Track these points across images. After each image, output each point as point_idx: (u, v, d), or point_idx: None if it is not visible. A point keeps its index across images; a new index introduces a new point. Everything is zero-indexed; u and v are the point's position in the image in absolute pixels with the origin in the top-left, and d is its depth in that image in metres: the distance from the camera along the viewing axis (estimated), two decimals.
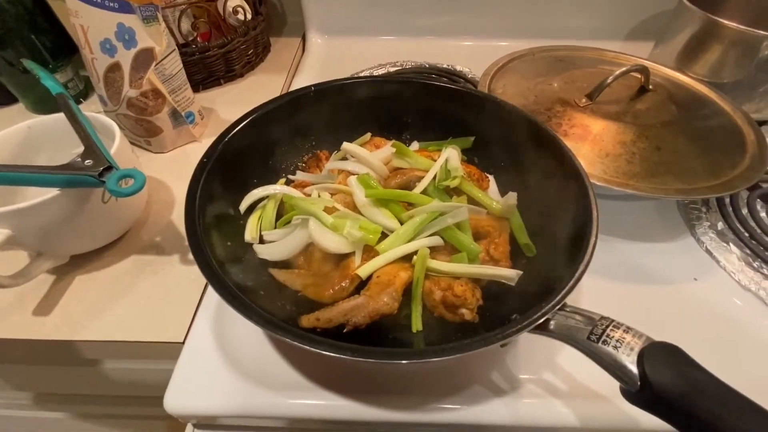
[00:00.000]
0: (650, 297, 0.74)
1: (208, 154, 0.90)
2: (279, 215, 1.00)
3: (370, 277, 0.83)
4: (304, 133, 1.12)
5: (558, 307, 0.64)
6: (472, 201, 0.98)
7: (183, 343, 0.83)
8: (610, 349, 0.49)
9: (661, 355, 0.44)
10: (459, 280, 0.83)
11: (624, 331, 0.50)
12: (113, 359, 0.77)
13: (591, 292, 0.77)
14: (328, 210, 0.90)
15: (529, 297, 0.77)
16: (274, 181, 1.09)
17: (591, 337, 0.57)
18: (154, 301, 0.85)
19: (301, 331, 0.62)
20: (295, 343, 0.60)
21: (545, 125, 0.98)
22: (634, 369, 0.45)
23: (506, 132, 1.04)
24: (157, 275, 0.89)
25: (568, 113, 1.10)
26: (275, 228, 0.98)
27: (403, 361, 0.63)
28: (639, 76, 1.11)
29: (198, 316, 0.88)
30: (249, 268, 0.86)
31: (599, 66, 1.19)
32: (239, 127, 0.97)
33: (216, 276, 0.68)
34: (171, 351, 0.81)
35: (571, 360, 0.68)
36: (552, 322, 0.64)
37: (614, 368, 0.47)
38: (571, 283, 0.68)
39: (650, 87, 1.09)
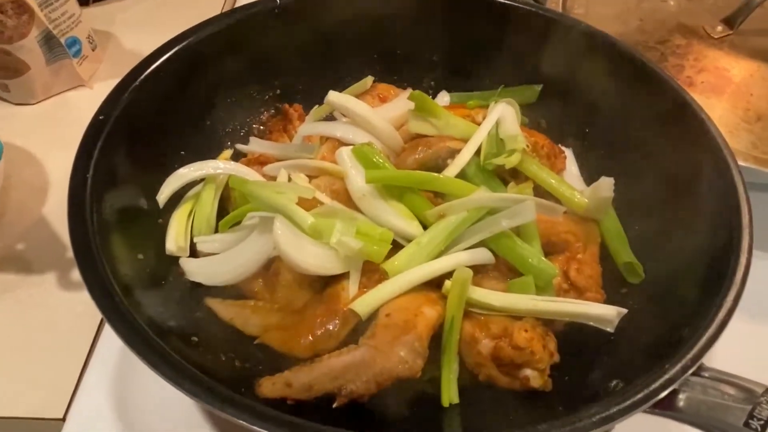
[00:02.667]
0: None
1: (106, 110, 0.84)
2: (222, 211, 0.97)
3: (374, 316, 0.80)
4: (264, 76, 1.08)
5: (691, 370, 0.59)
6: (540, 191, 0.96)
7: (63, 419, 0.78)
8: None
9: None
10: (521, 322, 0.80)
11: None
12: None
13: (736, 342, 0.73)
14: (305, 203, 0.85)
15: (635, 351, 0.75)
16: (214, 155, 1.05)
17: (751, 423, 0.54)
18: (15, 350, 0.78)
19: (259, 405, 0.59)
20: (251, 425, 0.57)
21: (657, 67, 0.94)
22: None
23: (592, 78, 1.01)
24: (20, 307, 0.82)
25: (693, 49, 1.05)
26: (216, 232, 0.95)
27: None
28: None
29: (87, 376, 0.82)
30: (173, 297, 0.82)
31: None
32: (157, 64, 0.91)
33: (118, 309, 0.63)
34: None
35: None
36: (681, 397, 0.59)
37: None
38: (712, 329, 0.63)
39: None
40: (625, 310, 0.79)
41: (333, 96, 1.00)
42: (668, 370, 0.60)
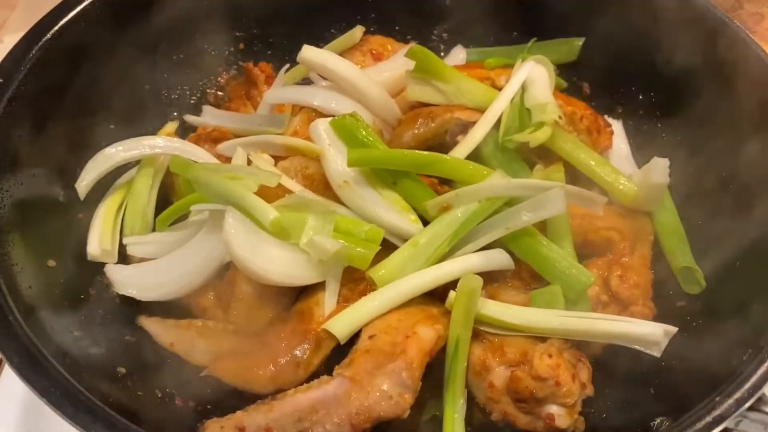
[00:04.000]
0: None
1: (6, 70, 0.83)
2: (163, 203, 0.98)
3: (356, 338, 0.81)
4: (223, 24, 1.07)
5: (748, 403, 0.62)
6: (575, 176, 0.97)
7: None
8: None
9: None
10: (544, 345, 0.81)
11: None
12: None
13: None
14: (268, 193, 0.86)
15: (685, 379, 0.77)
16: (154, 129, 1.06)
17: None
18: None
19: None
20: None
21: (731, 20, 0.94)
22: None
23: (649, 31, 1.01)
24: None
25: None
26: (153, 231, 0.96)
27: None
28: None
29: None
30: (95, 317, 0.83)
31: None
32: (78, 9, 0.88)
33: (13, 334, 0.61)
34: None
35: None
36: None
37: None
38: None
39: None
40: (674, 329, 0.78)
41: (309, 52, 0.99)
42: (720, 403, 0.61)
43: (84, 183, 0.89)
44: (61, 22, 0.89)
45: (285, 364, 0.79)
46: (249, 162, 0.93)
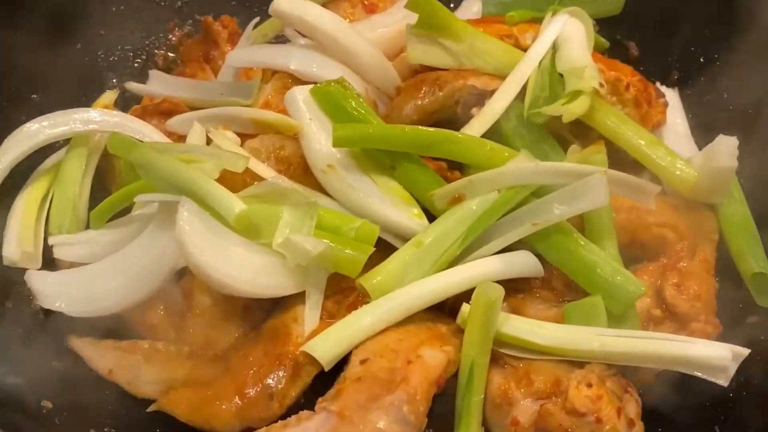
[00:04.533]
0: None
1: None
2: (99, 194, 1.00)
3: (344, 364, 0.82)
4: None
5: None
6: (620, 158, 0.97)
7: None
8: None
9: None
10: (582, 371, 0.82)
11: None
12: None
13: None
14: (231, 180, 0.87)
15: (760, 415, 0.79)
16: (87, 99, 1.08)
17: None
18: None
19: None
20: None
21: None
22: None
23: None
24: None
25: None
26: (87, 227, 0.97)
27: None
28: None
29: None
30: (12, 336, 0.85)
31: None
32: None
33: None
34: None
35: None
36: None
37: None
38: None
39: None
40: (745, 351, 0.78)
41: (284, 2, 0.99)
42: None
43: None
44: None
45: (255, 397, 0.79)
46: (208, 141, 0.93)
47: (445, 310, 0.87)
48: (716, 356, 0.79)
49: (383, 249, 0.86)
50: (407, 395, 0.75)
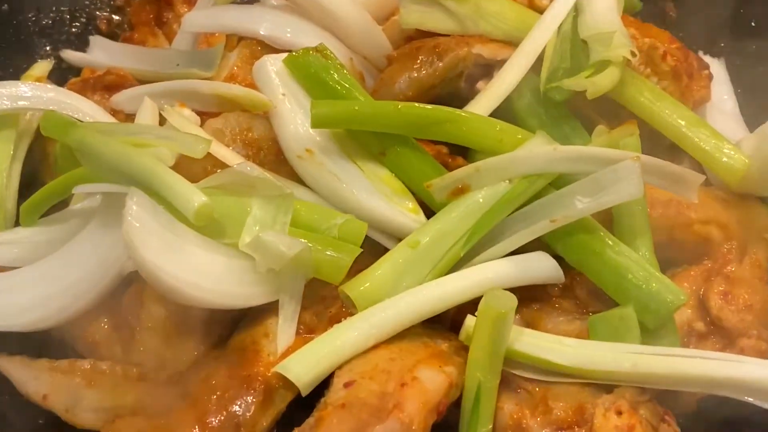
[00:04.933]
0: None
1: None
2: (30, 184, 1.00)
3: (322, 388, 0.82)
4: None
5: None
6: (654, 142, 0.99)
7: None
8: None
9: None
10: (610, 397, 0.82)
11: None
12: None
13: None
14: (189, 167, 0.88)
15: None
16: (13, 70, 1.09)
17: None
18: None
19: None
20: None
21: None
22: None
23: None
24: None
25: None
26: (16, 224, 0.98)
27: None
28: None
29: None
30: None
31: None
32: None
33: None
34: None
35: None
36: None
37: None
38: None
39: None
40: None
41: None
42: None
43: None
44: None
45: (218, 427, 0.79)
46: (162, 121, 0.93)
47: (446, 323, 0.87)
48: None
49: (372, 250, 0.86)
50: (401, 425, 0.74)
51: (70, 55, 1.08)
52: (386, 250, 0.87)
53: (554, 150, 0.86)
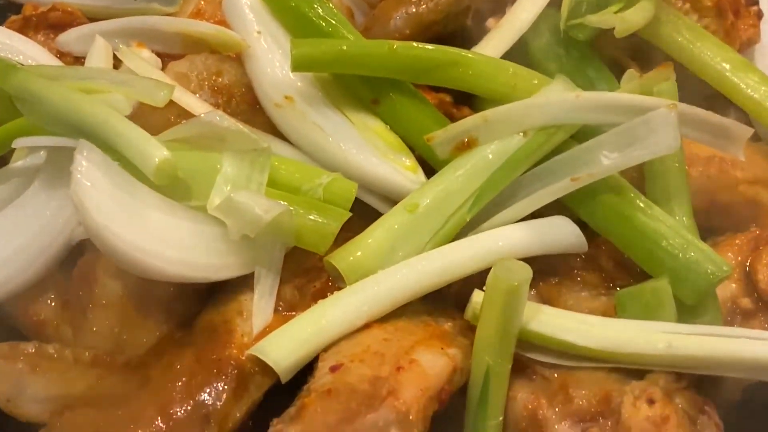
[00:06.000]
0: None
1: None
2: None
3: (305, 375, 0.83)
4: None
5: None
6: (694, 93, 0.99)
7: None
8: None
9: None
10: (640, 384, 0.83)
11: None
12: None
13: None
14: (150, 118, 0.88)
15: None
16: None
17: None
18: None
19: None
20: None
21: None
22: None
23: None
24: None
25: None
26: None
27: None
28: None
29: None
30: None
31: None
32: None
33: None
34: None
35: None
36: None
37: None
38: None
39: None
40: None
41: None
42: None
43: None
44: None
45: (184, 419, 0.79)
46: (117, 64, 0.93)
47: (450, 300, 0.88)
48: None
49: (362, 215, 0.87)
50: (397, 414, 0.74)
51: None
52: (379, 214, 0.87)
53: (576, 97, 0.86)
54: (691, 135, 0.87)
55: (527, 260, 0.80)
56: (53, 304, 0.89)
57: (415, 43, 0.89)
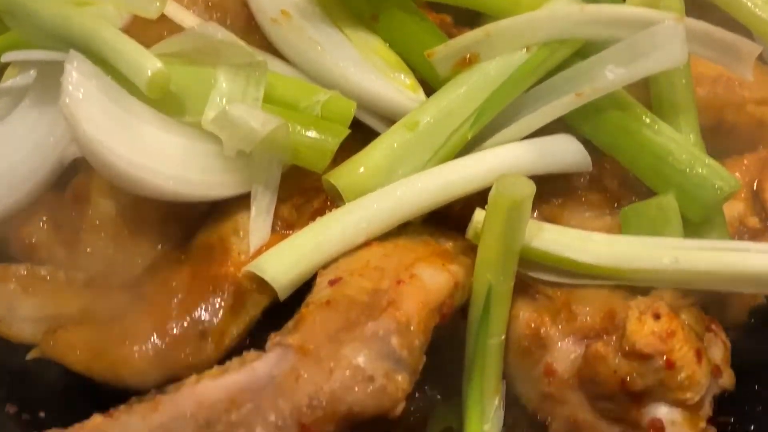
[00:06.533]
0: None
1: None
2: None
3: (303, 294, 0.83)
4: None
5: None
6: (702, 8, 0.97)
7: None
8: None
9: None
10: (645, 300, 0.83)
11: None
12: None
13: None
14: (142, 30, 0.87)
15: None
16: None
17: None
18: None
19: None
20: None
21: None
22: None
23: None
24: None
25: None
26: None
27: None
28: None
29: None
30: None
31: None
32: None
33: None
34: None
35: None
36: None
37: None
38: None
39: None
40: None
41: None
42: None
43: None
44: None
45: (180, 335, 0.80)
46: None
47: (451, 219, 0.87)
48: None
49: (361, 134, 0.87)
50: (397, 323, 0.74)
51: None
52: (378, 133, 0.87)
53: (581, 10, 0.85)
54: (698, 51, 0.86)
55: (531, 179, 0.79)
56: (45, 225, 0.89)
57: None
